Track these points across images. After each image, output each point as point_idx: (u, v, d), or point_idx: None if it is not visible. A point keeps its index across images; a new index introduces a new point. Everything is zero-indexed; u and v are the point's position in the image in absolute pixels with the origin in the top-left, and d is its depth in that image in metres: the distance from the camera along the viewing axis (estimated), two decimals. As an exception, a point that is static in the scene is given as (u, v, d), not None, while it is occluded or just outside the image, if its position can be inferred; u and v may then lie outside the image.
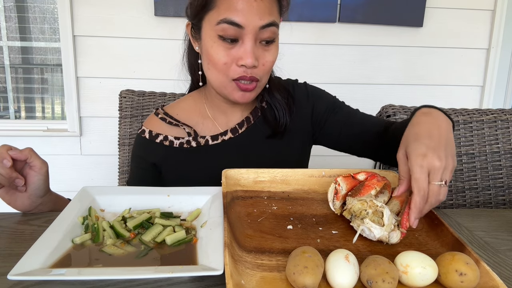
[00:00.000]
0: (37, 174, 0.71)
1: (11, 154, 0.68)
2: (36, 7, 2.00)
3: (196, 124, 0.92)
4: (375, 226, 0.57)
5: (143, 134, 0.91)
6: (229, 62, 0.77)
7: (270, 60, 0.80)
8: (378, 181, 0.65)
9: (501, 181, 1.17)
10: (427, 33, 2.01)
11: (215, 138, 0.90)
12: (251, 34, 0.75)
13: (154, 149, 0.90)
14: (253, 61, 0.75)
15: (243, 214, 0.64)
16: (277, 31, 0.78)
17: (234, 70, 0.78)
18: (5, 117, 2.08)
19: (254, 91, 0.82)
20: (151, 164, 0.91)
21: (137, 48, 1.90)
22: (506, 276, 0.55)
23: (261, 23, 0.74)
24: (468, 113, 1.18)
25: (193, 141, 0.89)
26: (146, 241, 0.58)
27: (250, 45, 0.75)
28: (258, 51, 0.77)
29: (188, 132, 0.89)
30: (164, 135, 0.90)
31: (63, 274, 0.48)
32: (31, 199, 0.72)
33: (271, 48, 0.79)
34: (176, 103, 0.97)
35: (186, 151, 0.89)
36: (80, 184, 0.89)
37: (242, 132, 0.90)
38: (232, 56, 0.77)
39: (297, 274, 0.45)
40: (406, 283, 0.48)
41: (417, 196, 0.56)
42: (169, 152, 0.89)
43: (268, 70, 0.81)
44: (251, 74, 0.78)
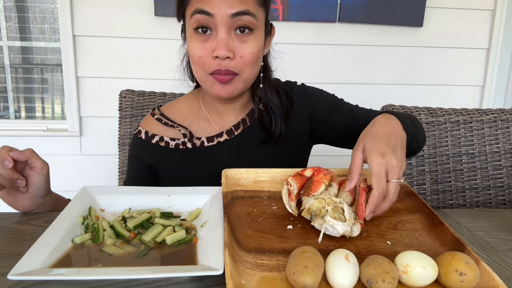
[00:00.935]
0: (38, 175, 0.71)
1: (12, 155, 0.68)
2: (36, 7, 2.00)
3: (192, 125, 0.91)
4: (337, 222, 0.57)
5: (139, 135, 0.91)
6: (204, 55, 0.76)
7: (249, 52, 0.77)
8: (324, 175, 0.66)
9: (501, 181, 1.17)
10: (427, 33, 2.01)
11: (210, 140, 0.89)
12: (222, 23, 0.73)
13: (150, 150, 0.90)
14: (226, 52, 0.74)
15: (243, 214, 0.64)
16: (253, 21, 0.76)
17: (210, 64, 0.76)
18: (5, 117, 2.08)
19: (233, 84, 0.79)
20: (147, 165, 0.91)
21: (137, 48, 1.90)
22: (506, 276, 0.55)
23: (231, 11, 0.73)
24: (468, 113, 1.18)
25: (188, 143, 0.89)
26: (146, 241, 0.58)
27: (223, 35, 0.74)
28: (234, 43, 0.76)
29: (184, 134, 0.89)
30: (160, 135, 0.90)
31: (63, 274, 0.48)
32: (32, 200, 0.72)
33: (249, 39, 0.76)
34: (173, 103, 0.97)
35: (182, 152, 0.89)
36: (80, 184, 0.89)
37: (237, 134, 0.90)
38: (207, 49, 0.76)
39: (297, 274, 0.45)
40: (406, 283, 0.48)
41: (376, 192, 0.59)
42: (165, 153, 0.89)
43: (249, 63, 0.78)
44: (226, 67, 0.76)
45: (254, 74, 0.82)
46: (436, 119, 1.17)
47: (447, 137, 1.17)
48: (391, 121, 0.72)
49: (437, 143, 1.17)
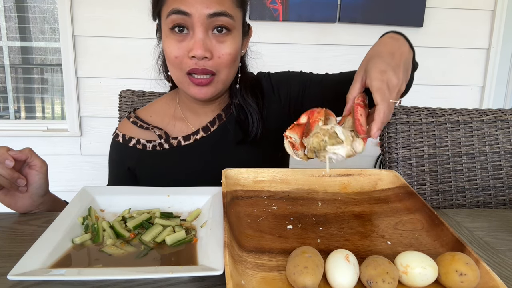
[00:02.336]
0: (38, 173, 0.72)
1: (11, 154, 0.68)
2: (36, 7, 2.00)
3: (168, 125, 0.91)
4: (336, 147, 0.56)
5: (117, 138, 0.92)
6: (181, 55, 0.76)
7: (227, 53, 0.77)
8: (318, 112, 0.64)
9: (501, 181, 1.17)
10: (427, 33, 2.01)
11: (187, 138, 0.89)
12: (199, 23, 0.73)
13: (128, 153, 0.90)
14: (203, 52, 0.74)
15: (243, 214, 0.64)
16: (231, 22, 0.76)
17: (186, 63, 0.76)
18: (5, 117, 2.08)
19: (211, 86, 0.79)
20: (126, 168, 0.91)
21: (137, 48, 1.90)
22: (506, 276, 0.55)
23: (208, 11, 0.73)
24: (468, 113, 1.18)
25: (165, 143, 0.89)
26: (146, 241, 0.58)
27: (200, 35, 0.74)
28: (211, 43, 0.76)
29: (159, 135, 0.89)
30: (136, 138, 0.90)
31: (63, 274, 0.48)
32: (32, 199, 0.72)
33: (227, 40, 0.77)
34: (149, 105, 0.97)
35: (160, 153, 0.89)
36: (80, 184, 0.89)
37: (214, 130, 0.89)
38: (184, 48, 0.75)
39: (297, 274, 0.45)
40: (406, 283, 0.48)
41: (381, 106, 0.56)
42: (142, 156, 0.89)
43: (226, 63, 0.78)
44: (203, 66, 0.76)
45: (232, 75, 0.82)
46: (436, 119, 1.17)
47: (447, 137, 1.17)
48: (396, 40, 0.69)
49: (437, 143, 1.17)
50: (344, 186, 0.74)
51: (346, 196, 0.72)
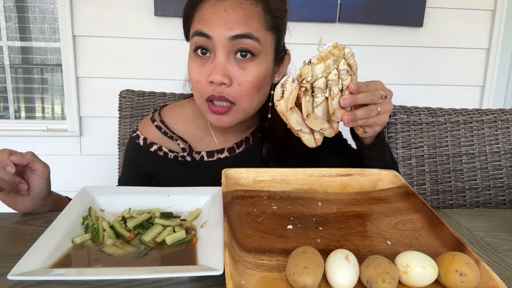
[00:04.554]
0: (39, 178, 0.71)
1: (13, 159, 0.67)
2: (36, 7, 2.00)
3: (193, 137, 0.88)
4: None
5: (138, 140, 0.88)
6: (201, 79, 0.73)
7: (248, 81, 0.71)
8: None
9: (501, 181, 1.17)
10: (427, 33, 2.01)
11: (210, 155, 0.87)
12: (221, 46, 0.70)
13: (148, 158, 0.87)
14: (221, 78, 0.69)
15: (243, 214, 0.64)
16: (256, 45, 0.71)
17: (205, 89, 0.73)
18: (5, 117, 2.08)
19: (229, 115, 0.75)
20: (143, 172, 0.89)
21: (137, 48, 1.90)
22: (506, 276, 0.55)
23: (230, 34, 0.69)
24: (468, 113, 1.18)
25: (188, 156, 0.86)
26: (146, 241, 0.58)
27: (220, 59, 0.70)
28: (233, 68, 0.71)
29: (183, 148, 0.86)
30: (158, 145, 0.86)
31: (63, 274, 0.48)
32: (33, 202, 0.72)
33: (250, 66, 0.72)
34: (175, 108, 0.92)
35: (180, 163, 0.86)
36: (80, 184, 0.89)
37: (239, 152, 0.87)
38: (204, 73, 0.72)
39: (297, 274, 0.45)
40: (406, 283, 0.48)
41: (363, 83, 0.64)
42: (162, 163, 0.87)
43: (247, 92, 0.73)
44: (220, 93, 0.72)
45: (255, 104, 0.77)
46: (436, 119, 1.17)
47: (447, 137, 1.17)
48: None
49: (437, 143, 1.17)
50: (344, 186, 0.74)
51: (346, 196, 0.72)
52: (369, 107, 0.65)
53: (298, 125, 0.65)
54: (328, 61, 0.59)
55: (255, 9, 0.72)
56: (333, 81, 0.60)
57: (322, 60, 0.59)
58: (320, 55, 0.59)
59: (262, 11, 0.73)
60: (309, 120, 0.63)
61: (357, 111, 0.64)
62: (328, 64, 0.59)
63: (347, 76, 0.61)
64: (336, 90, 0.61)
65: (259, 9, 0.72)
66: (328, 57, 0.59)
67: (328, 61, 0.59)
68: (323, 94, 0.62)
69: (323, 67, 0.59)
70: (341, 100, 0.61)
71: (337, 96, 0.62)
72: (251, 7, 0.72)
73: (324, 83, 0.60)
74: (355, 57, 0.62)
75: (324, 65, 0.59)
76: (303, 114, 0.63)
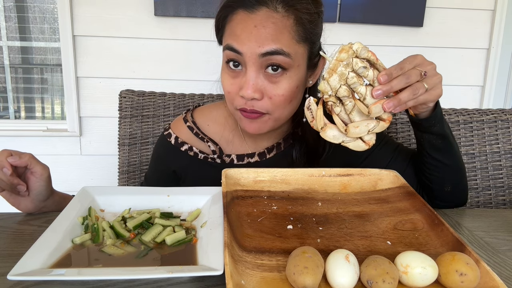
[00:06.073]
0: (38, 180, 0.71)
1: (10, 161, 0.67)
2: (36, 7, 2.00)
3: (224, 139, 0.89)
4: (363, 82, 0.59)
5: (169, 138, 0.89)
6: (233, 91, 0.74)
7: (279, 94, 0.72)
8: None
9: (501, 181, 1.17)
10: (427, 33, 2.01)
11: (240, 159, 0.87)
12: (251, 62, 0.70)
13: (178, 157, 0.88)
14: (252, 93, 0.70)
15: (243, 214, 0.64)
16: (287, 60, 0.70)
17: (238, 101, 0.74)
18: (5, 117, 2.08)
19: (262, 122, 0.76)
20: (171, 170, 0.90)
21: (137, 48, 1.90)
22: (506, 276, 0.55)
23: (260, 51, 0.69)
24: (468, 113, 1.18)
25: (217, 159, 0.87)
26: (146, 241, 0.58)
27: (251, 74, 0.70)
28: (264, 82, 0.72)
29: (213, 150, 0.87)
30: (189, 145, 0.88)
31: (63, 274, 0.48)
32: (34, 203, 0.72)
33: (281, 80, 0.71)
34: (209, 109, 0.92)
35: (210, 165, 0.87)
36: (80, 184, 0.89)
37: (270, 157, 0.87)
38: (236, 85, 0.73)
39: (297, 274, 0.45)
40: (406, 283, 0.48)
41: (395, 65, 0.60)
42: (192, 162, 0.88)
43: (279, 104, 0.73)
44: (252, 107, 0.73)
45: (288, 112, 0.77)
46: (436, 119, 1.17)
47: (447, 137, 1.17)
48: None
49: (437, 143, 1.17)
50: (344, 186, 0.74)
51: (346, 196, 0.72)
52: (414, 85, 0.60)
53: (336, 139, 0.63)
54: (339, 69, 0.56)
55: (285, 22, 0.70)
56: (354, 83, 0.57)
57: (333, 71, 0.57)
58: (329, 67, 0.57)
59: (293, 24, 0.71)
60: (349, 133, 0.60)
61: (401, 94, 0.60)
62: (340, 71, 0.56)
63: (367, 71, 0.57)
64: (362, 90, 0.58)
65: (290, 21, 0.70)
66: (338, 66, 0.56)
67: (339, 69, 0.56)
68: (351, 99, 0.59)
69: (337, 77, 0.57)
70: (373, 93, 0.58)
71: (368, 93, 0.58)
72: (282, 21, 0.70)
73: (347, 90, 0.58)
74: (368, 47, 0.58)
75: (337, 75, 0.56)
76: (340, 129, 0.61)
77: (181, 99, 1.17)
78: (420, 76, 0.61)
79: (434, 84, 0.64)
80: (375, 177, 0.76)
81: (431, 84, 0.63)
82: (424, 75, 0.62)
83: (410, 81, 0.60)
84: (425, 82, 0.62)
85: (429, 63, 0.64)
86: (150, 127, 1.15)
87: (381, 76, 0.58)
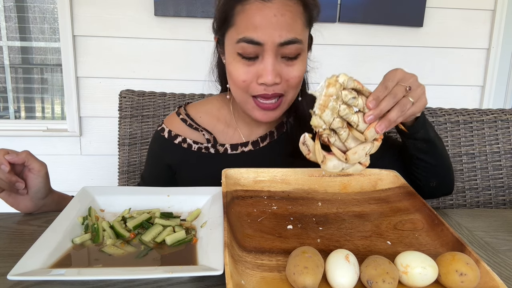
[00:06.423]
0: (36, 177, 0.71)
1: (8, 158, 0.67)
2: (36, 7, 2.00)
3: (218, 130, 0.90)
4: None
5: (162, 133, 0.90)
6: (249, 79, 0.75)
7: (296, 76, 0.76)
8: None
9: (501, 181, 1.17)
10: (427, 33, 2.01)
11: (234, 148, 0.88)
12: (271, 51, 0.72)
13: (172, 150, 0.89)
14: (274, 78, 0.72)
15: (243, 214, 0.64)
16: (301, 47, 0.74)
17: (254, 88, 0.75)
18: (5, 117, 2.07)
19: (278, 110, 0.78)
20: (166, 165, 0.90)
21: (137, 48, 1.90)
22: (506, 276, 0.55)
23: (280, 40, 0.71)
24: (468, 113, 1.18)
25: (211, 148, 0.88)
26: (146, 241, 0.58)
27: (271, 62, 0.72)
28: (281, 67, 0.74)
29: (208, 139, 0.88)
30: (183, 137, 0.89)
31: (63, 274, 0.48)
32: (33, 201, 0.72)
33: (295, 63, 0.75)
34: (201, 104, 0.94)
35: (204, 156, 0.88)
36: (80, 184, 0.89)
37: (263, 146, 0.89)
38: (252, 73, 0.74)
39: (297, 274, 0.45)
40: (406, 283, 0.48)
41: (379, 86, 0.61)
42: (186, 155, 0.88)
43: (295, 85, 0.77)
44: (273, 91, 0.75)
45: (295, 94, 0.81)
46: (436, 119, 1.17)
47: (447, 137, 1.17)
48: None
49: (437, 143, 1.17)
50: (344, 186, 0.74)
51: (346, 196, 0.72)
52: (401, 102, 0.61)
53: (337, 168, 0.63)
54: (331, 104, 0.57)
55: (298, 8, 0.73)
56: (347, 114, 0.58)
57: (325, 107, 0.58)
58: (319, 103, 0.58)
59: (303, 10, 0.74)
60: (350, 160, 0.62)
61: (390, 114, 0.61)
62: (331, 106, 0.57)
63: (357, 100, 0.59)
64: (355, 118, 0.59)
65: (301, 8, 0.74)
66: (328, 101, 0.57)
67: (330, 104, 0.57)
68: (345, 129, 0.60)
69: (330, 112, 0.58)
70: (365, 119, 0.59)
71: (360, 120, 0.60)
72: (295, 7, 0.72)
73: (340, 121, 0.59)
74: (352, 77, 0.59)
75: (329, 110, 0.58)
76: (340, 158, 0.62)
77: (181, 99, 1.17)
78: (405, 91, 0.62)
79: (419, 96, 0.65)
80: (375, 177, 0.76)
81: (416, 97, 0.64)
82: (409, 89, 0.63)
83: (396, 99, 0.61)
84: (410, 96, 0.63)
85: (410, 76, 0.65)
86: (150, 127, 1.15)
87: (370, 103, 0.59)
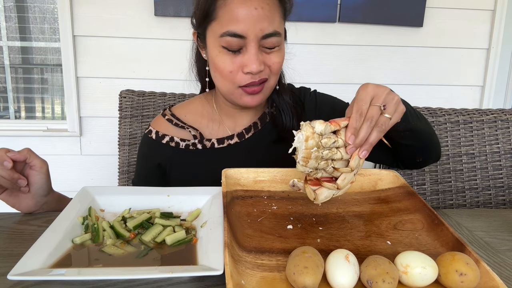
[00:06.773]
0: (38, 173, 0.72)
1: (9, 155, 0.68)
2: (36, 7, 2.00)
3: (203, 126, 0.92)
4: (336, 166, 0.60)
5: (150, 135, 0.92)
6: (235, 70, 0.78)
7: (277, 61, 0.80)
8: None
9: (501, 181, 1.17)
10: (427, 33, 2.01)
11: (221, 142, 0.90)
12: (253, 42, 0.75)
13: (160, 150, 0.90)
14: (258, 67, 0.76)
15: (243, 214, 0.64)
16: (280, 39, 0.78)
17: (241, 78, 0.78)
18: (5, 117, 2.07)
19: (262, 93, 0.82)
20: (156, 165, 0.91)
21: (137, 48, 1.90)
22: (506, 276, 0.55)
23: (262, 33, 0.75)
24: (468, 113, 1.18)
25: (198, 144, 0.90)
26: (146, 241, 0.58)
27: (254, 52, 0.76)
28: (263, 55, 0.78)
29: (194, 135, 0.90)
30: (170, 136, 0.90)
31: (63, 274, 0.48)
32: (35, 199, 0.72)
33: (275, 51, 0.79)
34: (184, 104, 0.97)
35: (192, 153, 0.89)
36: (80, 184, 0.89)
37: (248, 137, 0.91)
38: (237, 63, 0.77)
39: (297, 274, 0.45)
40: (406, 283, 0.48)
41: (354, 114, 0.59)
42: (175, 153, 0.90)
43: (276, 71, 0.81)
44: (259, 78, 0.78)
45: (275, 82, 0.84)
46: (436, 119, 1.17)
47: (447, 137, 1.17)
48: None
49: (437, 143, 1.17)
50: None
51: (346, 196, 0.72)
52: (378, 123, 0.61)
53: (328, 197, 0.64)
54: (313, 155, 0.57)
55: (274, 1, 0.77)
56: (330, 156, 0.59)
57: (308, 159, 0.58)
58: (302, 156, 0.58)
59: (278, 3, 0.78)
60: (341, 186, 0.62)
61: (370, 138, 0.60)
62: (314, 156, 0.58)
63: (337, 143, 0.59)
64: (338, 155, 0.59)
65: (277, 1, 0.77)
66: (310, 153, 0.57)
67: (313, 155, 0.57)
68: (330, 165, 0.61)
69: (313, 161, 0.58)
70: (348, 151, 0.59)
71: (343, 153, 0.60)
72: (272, 1, 0.76)
73: (325, 163, 0.59)
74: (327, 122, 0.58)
75: (312, 159, 0.58)
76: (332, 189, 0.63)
77: (181, 99, 1.17)
78: (380, 110, 0.61)
79: (395, 109, 0.63)
80: (375, 177, 0.76)
81: (393, 111, 0.63)
82: (384, 108, 0.62)
83: (373, 122, 0.60)
84: (387, 113, 0.62)
85: (382, 90, 0.63)
86: (150, 127, 1.15)
87: (349, 139, 0.59)
